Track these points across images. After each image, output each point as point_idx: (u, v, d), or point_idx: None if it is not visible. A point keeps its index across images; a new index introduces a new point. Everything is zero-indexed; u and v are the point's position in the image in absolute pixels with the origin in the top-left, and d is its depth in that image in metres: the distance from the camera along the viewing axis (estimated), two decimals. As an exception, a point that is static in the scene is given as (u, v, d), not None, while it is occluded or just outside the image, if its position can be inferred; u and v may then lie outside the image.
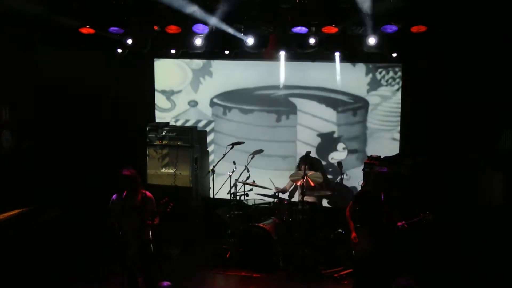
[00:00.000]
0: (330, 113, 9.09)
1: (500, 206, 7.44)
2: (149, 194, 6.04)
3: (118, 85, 9.25)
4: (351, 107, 9.04)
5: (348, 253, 7.24)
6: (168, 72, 9.71)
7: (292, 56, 8.73)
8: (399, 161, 7.93)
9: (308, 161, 8.09)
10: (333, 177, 9.06)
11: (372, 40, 7.31)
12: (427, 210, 5.93)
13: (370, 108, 8.95)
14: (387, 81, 8.85)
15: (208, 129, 9.60)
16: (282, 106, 9.28)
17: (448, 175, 7.99)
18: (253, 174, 8.26)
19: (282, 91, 9.24)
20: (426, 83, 8.30)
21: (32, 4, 6.89)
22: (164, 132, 8.83)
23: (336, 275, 7.36)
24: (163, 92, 9.79)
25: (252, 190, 8.21)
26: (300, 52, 7.95)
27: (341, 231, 7.76)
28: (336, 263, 7.61)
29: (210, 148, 9.60)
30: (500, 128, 7.79)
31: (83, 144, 8.61)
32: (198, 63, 9.55)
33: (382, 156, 8.23)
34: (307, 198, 7.94)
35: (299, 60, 8.90)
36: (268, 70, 9.17)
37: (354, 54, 8.31)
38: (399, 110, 8.80)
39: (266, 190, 8.23)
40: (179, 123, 9.66)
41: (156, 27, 7.87)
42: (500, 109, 7.68)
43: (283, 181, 8.66)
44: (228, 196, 8.09)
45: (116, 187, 5.98)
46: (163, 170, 8.83)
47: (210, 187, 8.63)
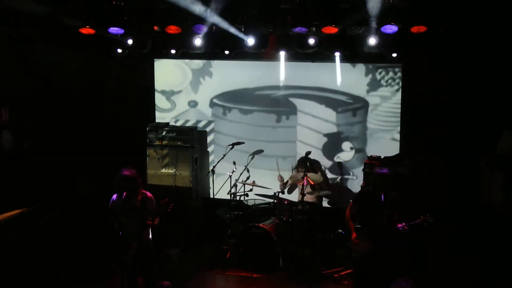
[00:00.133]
0: (330, 113, 9.09)
1: (500, 206, 7.43)
2: (149, 194, 6.02)
3: (118, 85, 9.26)
4: (351, 108, 9.04)
5: (348, 253, 7.22)
6: (168, 72, 9.71)
7: (292, 56, 8.74)
8: (399, 161, 7.93)
9: (306, 162, 8.08)
10: (332, 177, 9.06)
11: (372, 41, 7.32)
12: (428, 213, 5.92)
13: (370, 108, 8.95)
14: (387, 81, 8.86)
15: (208, 129, 9.60)
16: (282, 107, 9.28)
17: (448, 175, 7.99)
18: (253, 174, 8.26)
19: (282, 92, 9.24)
20: (426, 83, 8.31)
21: (32, 4, 6.87)
22: (164, 133, 8.83)
23: (336, 275, 7.36)
24: (163, 92, 9.79)
25: (252, 190, 8.21)
26: (300, 52, 7.96)
27: (341, 231, 7.76)
28: (336, 263, 7.61)
29: (210, 149, 9.60)
30: (500, 128, 7.79)
31: (83, 144, 8.62)
32: (198, 63, 9.55)
33: (382, 157, 8.23)
34: (307, 198, 7.95)
35: (299, 60, 8.90)
36: (268, 70, 9.17)
37: (354, 54, 8.30)
38: (399, 111, 8.80)
39: (266, 191, 8.23)
40: (179, 124, 9.66)
41: (156, 27, 7.88)
42: (500, 109, 7.68)
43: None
44: (228, 196, 8.09)
45: (116, 187, 5.97)
46: (163, 170, 8.83)
47: (210, 187, 8.63)
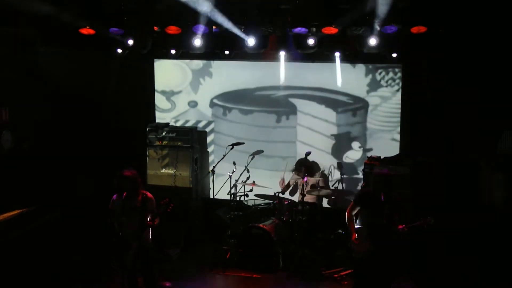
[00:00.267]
0: (330, 113, 9.09)
1: (500, 206, 7.44)
2: (149, 194, 6.03)
3: (118, 85, 9.26)
4: (351, 108, 9.04)
5: (348, 253, 7.21)
6: (168, 73, 9.71)
7: (292, 57, 8.73)
8: (399, 161, 7.93)
9: (304, 166, 8.06)
10: (332, 178, 9.06)
11: (372, 41, 7.32)
12: (428, 215, 5.93)
13: (370, 108, 8.95)
14: (387, 81, 8.86)
15: (208, 129, 9.60)
16: (282, 107, 9.29)
17: (448, 176, 8.00)
18: (253, 174, 8.25)
19: (282, 92, 9.24)
20: (426, 83, 8.31)
21: (33, 5, 6.88)
22: (164, 133, 8.83)
23: (336, 275, 7.35)
24: (163, 92, 9.79)
25: (252, 190, 8.21)
26: (300, 52, 7.96)
27: (341, 231, 7.75)
28: (336, 263, 7.60)
29: (210, 149, 9.60)
30: (500, 128, 7.79)
31: (83, 144, 8.61)
32: (198, 63, 9.55)
33: (382, 157, 8.24)
34: (307, 198, 7.95)
35: (299, 61, 8.89)
36: (268, 70, 9.17)
37: (354, 54, 8.32)
38: (399, 111, 8.81)
39: (266, 191, 8.22)
40: (179, 124, 9.66)
41: (156, 28, 7.88)
42: (500, 109, 7.68)
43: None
44: (228, 197, 8.08)
45: (116, 188, 5.97)
46: (163, 171, 8.82)
47: (210, 188, 8.63)
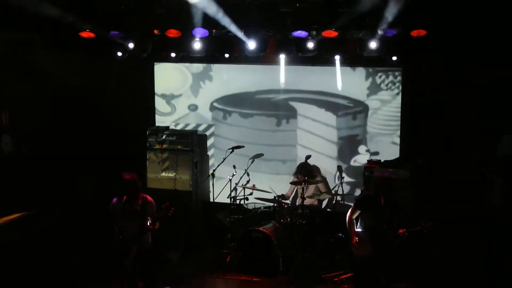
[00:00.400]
0: (330, 117, 9.10)
1: (500, 210, 7.43)
2: (149, 198, 6.01)
3: (118, 88, 9.25)
4: (351, 111, 9.05)
5: (348, 257, 7.21)
6: (168, 76, 9.72)
7: (292, 60, 8.74)
8: (399, 165, 7.93)
9: (305, 169, 8.06)
10: (333, 181, 9.05)
11: (373, 44, 7.34)
12: (428, 217, 5.93)
13: (370, 112, 8.95)
14: (387, 85, 8.86)
15: (208, 133, 9.60)
16: (282, 110, 9.29)
17: (448, 180, 7.99)
18: (253, 178, 8.24)
19: (282, 95, 9.25)
20: (426, 87, 8.31)
21: (33, 7, 6.88)
22: (164, 136, 8.81)
23: (336, 279, 7.34)
24: (163, 96, 9.79)
25: (252, 194, 8.19)
26: (300, 56, 7.97)
27: (341, 235, 7.74)
28: (336, 267, 7.59)
29: (210, 152, 9.60)
30: (500, 129, 7.79)
31: (83, 147, 8.60)
32: (198, 67, 9.55)
33: (382, 160, 8.23)
34: (307, 202, 7.93)
35: (299, 64, 8.91)
36: (268, 74, 9.18)
37: (354, 58, 8.32)
38: (399, 114, 8.82)
39: (266, 194, 8.21)
40: (179, 127, 9.65)
41: (156, 31, 7.89)
42: (500, 113, 7.68)
43: (283, 185, 8.65)
44: (228, 200, 8.08)
45: (116, 191, 5.96)
46: (163, 174, 8.81)
47: (210, 191, 8.64)
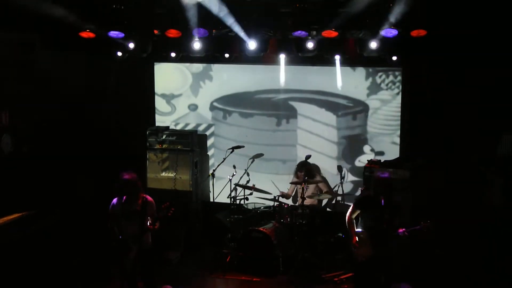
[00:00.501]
0: (330, 117, 9.10)
1: (500, 210, 7.43)
2: (149, 198, 6.01)
3: (118, 88, 9.25)
4: (351, 111, 9.05)
5: (348, 257, 7.21)
6: (168, 76, 9.71)
7: (292, 60, 8.74)
8: (399, 165, 7.92)
9: (305, 168, 8.07)
10: (333, 181, 9.04)
11: (373, 44, 7.34)
12: (428, 218, 5.93)
13: (370, 112, 8.95)
14: (387, 85, 8.86)
15: (208, 133, 9.60)
16: (282, 110, 9.29)
17: (448, 180, 7.99)
18: (253, 178, 8.24)
19: (282, 95, 9.25)
20: (426, 86, 8.31)
21: (33, 7, 6.88)
22: (164, 136, 8.81)
23: (336, 279, 7.35)
24: (163, 95, 9.79)
25: (252, 194, 8.20)
26: (301, 56, 7.98)
27: (341, 235, 7.75)
28: (336, 267, 7.60)
29: (210, 152, 9.59)
30: (500, 129, 7.79)
31: (83, 147, 8.60)
32: (198, 67, 9.55)
33: (382, 160, 8.23)
34: (307, 202, 7.93)
35: (299, 64, 8.91)
36: (268, 74, 9.18)
37: (354, 58, 8.32)
38: (399, 114, 8.81)
39: (266, 194, 8.21)
40: (179, 127, 9.65)
41: (156, 31, 7.89)
42: (500, 113, 7.68)
43: (283, 185, 8.63)
44: (228, 200, 8.08)
45: (116, 191, 5.96)
46: (163, 174, 8.80)
47: (210, 191, 8.64)
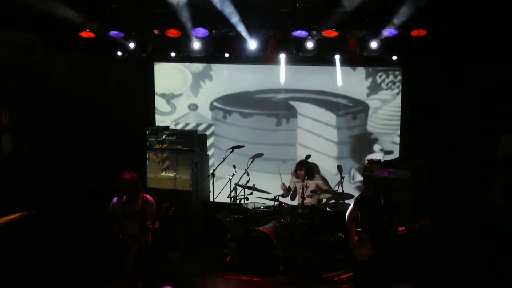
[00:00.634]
0: (330, 116, 9.10)
1: (500, 210, 7.43)
2: (149, 198, 6.01)
3: (118, 88, 9.25)
4: (351, 111, 9.05)
5: (348, 257, 7.21)
6: (168, 76, 9.71)
7: (292, 60, 8.75)
8: (399, 164, 7.93)
9: (304, 167, 8.06)
10: (333, 181, 9.04)
11: (373, 44, 7.35)
12: (428, 217, 5.93)
13: (370, 111, 8.96)
14: (387, 84, 8.86)
15: (208, 132, 9.60)
16: (282, 110, 9.29)
17: (448, 180, 7.99)
18: (253, 177, 8.24)
19: (282, 95, 9.25)
20: (426, 86, 8.32)
21: (33, 8, 6.88)
22: (164, 136, 8.81)
23: (336, 279, 7.35)
24: (163, 95, 9.79)
25: (252, 193, 8.20)
26: (301, 55, 7.98)
27: (341, 235, 7.75)
28: (336, 267, 7.59)
29: (210, 152, 9.60)
30: (500, 132, 7.79)
31: (83, 147, 8.60)
32: (198, 66, 9.55)
33: (382, 160, 8.23)
34: (307, 201, 7.94)
35: (299, 64, 8.92)
36: (268, 73, 9.18)
37: (354, 58, 8.33)
38: (399, 114, 8.82)
39: (266, 194, 8.21)
40: (179, 127, 9.65)
41: (156, 31, 7.88)
42: (500, 113, 7.68)
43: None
44: (228, 200, 8.07)
45: (116, 191, 5.96)
46: (163, 174, 8.81)
47: (210, 191, 8.64)
